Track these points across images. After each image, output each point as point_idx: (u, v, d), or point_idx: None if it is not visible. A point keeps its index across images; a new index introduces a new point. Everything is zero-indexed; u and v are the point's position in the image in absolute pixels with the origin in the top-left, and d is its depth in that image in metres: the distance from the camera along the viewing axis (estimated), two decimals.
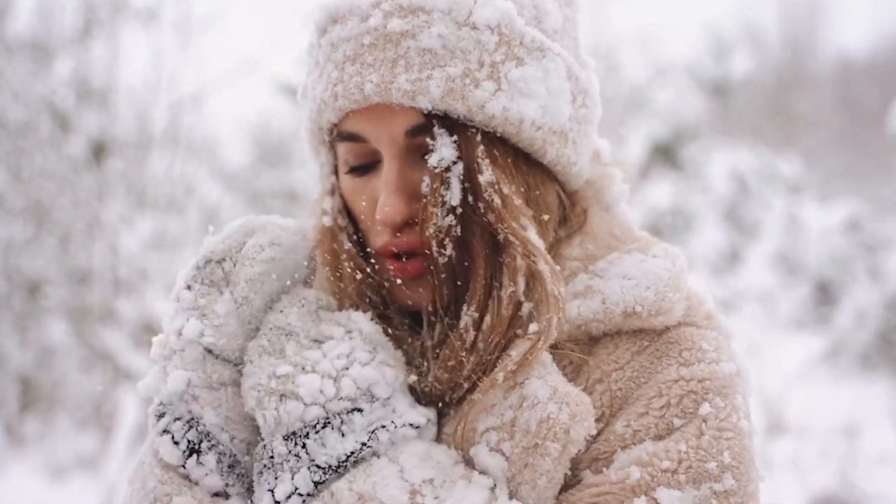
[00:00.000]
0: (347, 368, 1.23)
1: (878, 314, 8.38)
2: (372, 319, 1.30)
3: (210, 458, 1.25)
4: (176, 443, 1.25)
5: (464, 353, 1.26)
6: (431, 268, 1.28)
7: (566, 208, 1.38)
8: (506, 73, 1.26)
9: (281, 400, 1.21)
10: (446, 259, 1.27)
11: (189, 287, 1.31)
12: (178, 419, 1.26)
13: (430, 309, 1.31)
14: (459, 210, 1.26)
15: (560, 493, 1.21)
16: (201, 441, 1.25)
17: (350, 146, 1.33)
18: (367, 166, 1.33)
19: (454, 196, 1.25)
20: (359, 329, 1.28)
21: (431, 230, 1.26)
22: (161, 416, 1.28)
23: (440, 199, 1.25)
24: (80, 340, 7.03)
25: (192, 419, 1.26)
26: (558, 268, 1.27)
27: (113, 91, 7.51)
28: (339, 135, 1.34)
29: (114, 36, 7.49)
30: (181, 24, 7.64)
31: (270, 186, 9.54)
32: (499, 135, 1.27)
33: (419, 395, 1.28)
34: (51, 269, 7.11)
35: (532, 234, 1.26)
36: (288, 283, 1.34)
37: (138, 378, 6.35)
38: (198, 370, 1.27)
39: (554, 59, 1.31)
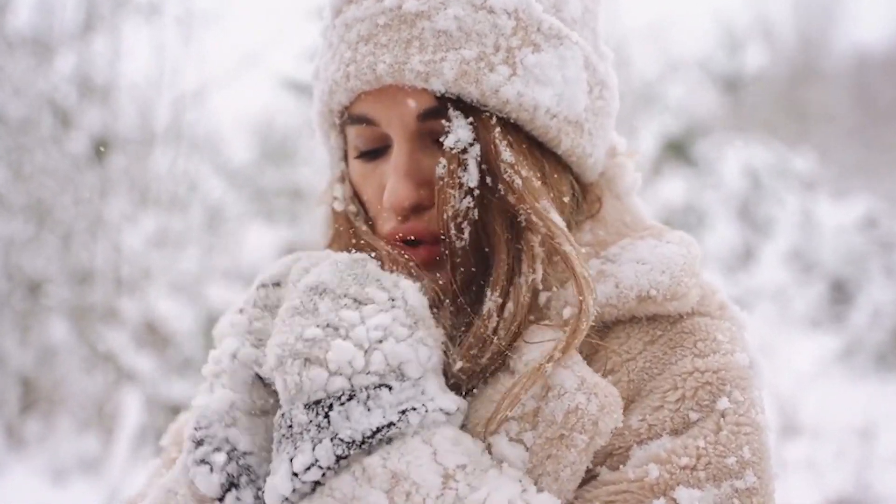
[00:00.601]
0: (381, 342, 1.19)
1: (894, 312, 8.37)
2: (421, 290, 1.26)
3: (248, 494, 1.22)
4: (214, 474, 1.22)
5: (487, 341, 1.24)
6: (446, 253, 1.28)
7: (579, 199, 1.38)
8: (521, 59, 1.26)
9: (305, 365, 1.18)
10: (463, 244, 1.26)
11: (241, 311, 1.29)
12: (219, 450, 1.23)
13: (440, 297, 1.29)
14: (477, 192, 1.25)
15: (577, 488, 1.19)
16: (241, 475, 1.23)
17: (360, 130, 1.33)
18: (377, 151, 1.33)
19: (472, 178, 1.25)
20: (404, 298, 1.24)
21: (449, 212, 1.25)
22: (199, 443, 1.25)
23: (457, 181, 1.25)
24: (82, 340, 7.03)
25: (233, 450, 1.24)
26: (583, 249, 1.27)
27: (115, 87, 7.49)
28: (349, 118, 1.34)
29: (115, 31, 7.48)
30: (184, 18, 7.64)
31: (275, 184, 9.55)
32: (512, 121, 1.27)
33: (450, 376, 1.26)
34: (52, 267, 7.12)
35: (555, 216, 1.26)
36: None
37: (141, 379, 6.39)
38: (244, 394, 1.25)
39: (571, 47, 1.31)
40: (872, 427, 6.44)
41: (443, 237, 1.27)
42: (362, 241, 1.34)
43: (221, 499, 1.22)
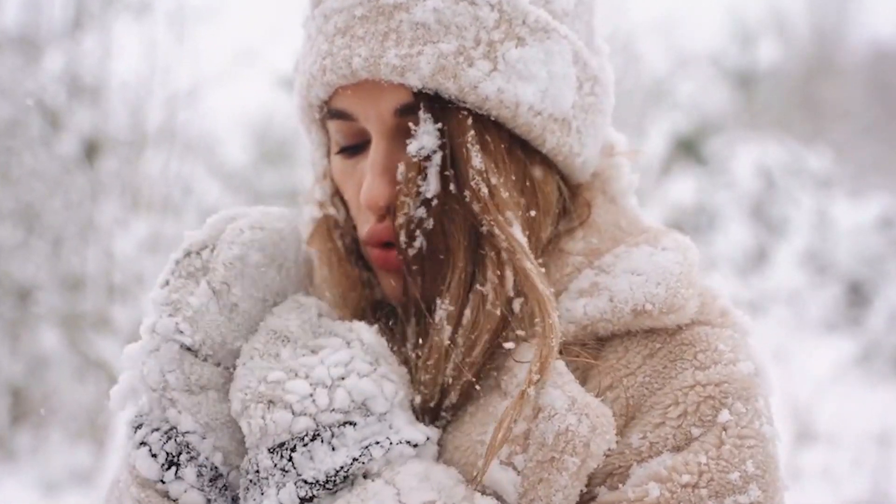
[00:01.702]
0: (344, 378, 1.19)
1: None
2: (377, 331, 1.26)
3: (189, 472, 1.21)
4: (154, 455, 1.22)
5: (441, 351, 1.23)
6: (400, 259, 1.27)
7: (566, 201, 1.36)
8: (503, 53, 1.25)
9: (268, 407, 1.18)
10: (416, 251, 1.25)
11: (166, 283, 1.28)
12: (156, 430, 1.23)
13: (398, 306, 1.30)
14: (435, 202, 1.24)
15: None
16: (180, 453, 1.22)
17: (339, 125, 1.32)
18: (356, 147, 1.33)
19: (430, 188, 1.24)
20: (359, 339, 1.24)
21: (401, 220, 1.25)
22: (138, 427, 1.24)
23: (414, 190, 1.24)
24: (74, 349, 7.04)
25: (171, 429, 1.23)
26: (544, 267, 1.26)
27: (105, 87, 7.50)
28: (328, 112, 1.33)
29: (105, 29, 7.49)
30: (175, 15, 7.65)
31: (273, 186, 9.54)
32: (493, 119, 1.25)
33: (417, 410, 1.25)
34: (42, 274, 7.13)
35: (516, 231, 1.24)
36: (277, 274, 1.30)
37: None
38: (175, 370, 1.23)
39: (559, 41, 1.29)
40: (890, 433, 6.45)
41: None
42: (339, 255, 1.35)
43: (163, 479, 1.21)
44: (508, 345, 1.25)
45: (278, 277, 1.31)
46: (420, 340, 1.28)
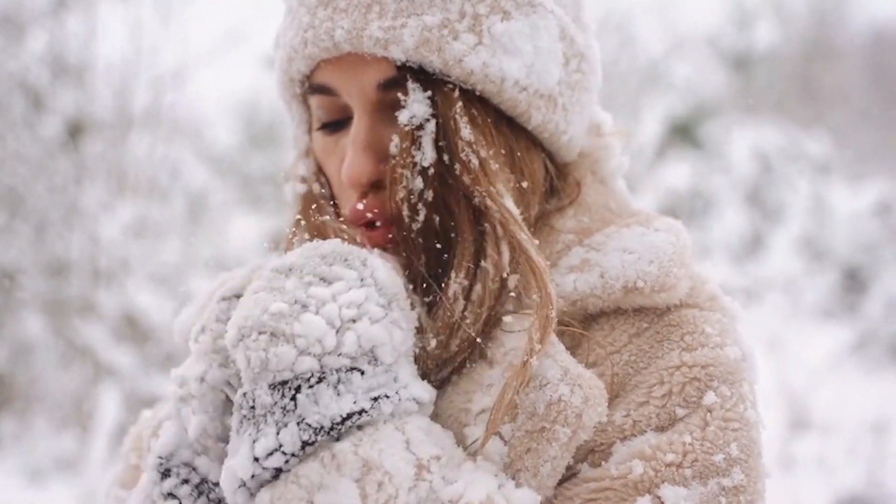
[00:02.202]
0: (355, 321, 1.16)
1: None
2: (393, 268, 1.24)
3: None
4: None
5: (452, 326, 1.23)
6: (404, 234, 1.26)
7: (553, 179, 1.36)
8: (489, 27, 1.24)
9: (271, 340, 1.13)
10: (420, 225, 1.25)
11: (204, 329, 1.25)
12: (186, 482, 1.21)
13: (405, 281, 1.27)
14: (431, 171, 1.24)
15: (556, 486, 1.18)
16: None
17: (321, 100, 1.32)
18: (339, 122, 1.32)
19: (426, 157, 1.24)
20: (373, 277, 1.20)
21: (402, 193, 1.24)
22: (165, 473, 1.21)
23: (410, 160, 1.23)
24: (58, 335, 7.04)
25: (202, 482, 1.21)
26: (536, 240, 1.25)
27: (90, 68, 7.47)
28: (310, 87, 1.33)
29: (90, 8, 7.46)
30: None
31: (262, 170, 9.53)
32: (478, 93, 1.25)
33: (430, 358, 1.24)
34: (25, 259, 7.12)
35: (508, 202, 1.24)
36: None
37: (120, 374, 6.41)
38: (216, 420, 1.22)
39: (545, 15, 1.29)
40: (886, 422, 6.46)
41: (390, 221, 1.26)
42: (325, 226, 1.33)
43: None
44: (507, 318, 1.25)
45: None
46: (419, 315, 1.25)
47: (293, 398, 1.13)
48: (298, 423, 1.12)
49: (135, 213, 7.12)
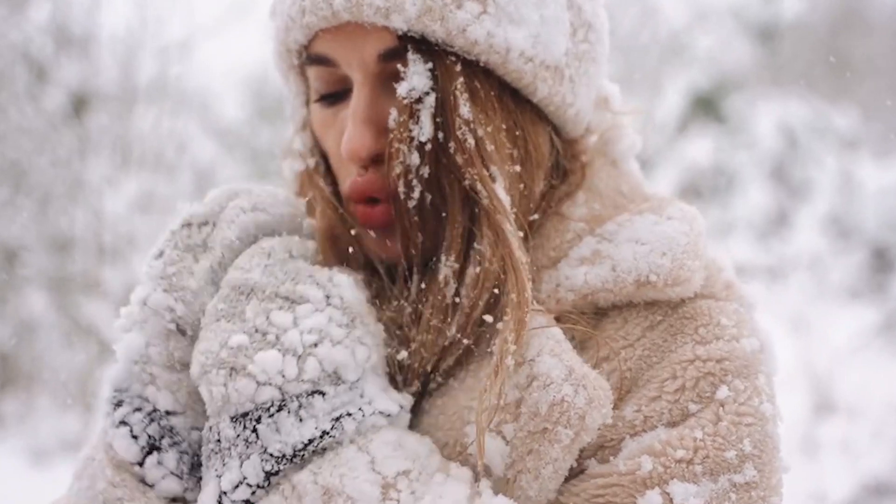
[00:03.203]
0: (317, 345, 1.17)
1: None
2: (358, 283, 1.25)
3: (170, 458, 1.21)
4: (135, 437, 1.21)
5: (446, 310, 1.23)
6: (402, 212, 1.25)
7: (559, 154, 1.35)
8: None
9: (230, 375, 1.15)
10: (415, 202, 1.24)
11: (161, 253, 1.26)
12: (138, 410, 1.22)
13: (403, 263, 1.28)
14: (429, 147, 1.23)
15: (563, 482, 1.17)
16: (163, 437, 1.21)
17: (320, 71, 1.31)
18: (337, 94, 1.31)
19: (424, 131, 1.22)
20: (339, 296, 1.22)
21: (399, 169, 1.23)
22: (118, 404, 1.23)
23: (407, 135, 1.22)
24: (62, 313, 7.07)
25: (154, 410, 1.22)
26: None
27: (94, 38, 7.47)
28: (308, 58, 1.31)
29: None
30: None
31: (271, 144, 9.52)
32: (482, 65, 1.24)
33: (405, 371, 1.25)
34: (29, 235, 7.14)
35: (499, 187, 1.23)
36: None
37: None
38: (159, 346, 1.23)
39: None
40: None
41: (392, 197, 1.26)
42: (322, 206, 1.33)
43: (141, 463, 1.21)
44: (487, 317, 1.24)
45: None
46: (415, 300, 1.27)
47: (254, 429, 1.14)
48: (261, 454, 1.14)
49: (140, 188, 7.13)
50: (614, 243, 1.27)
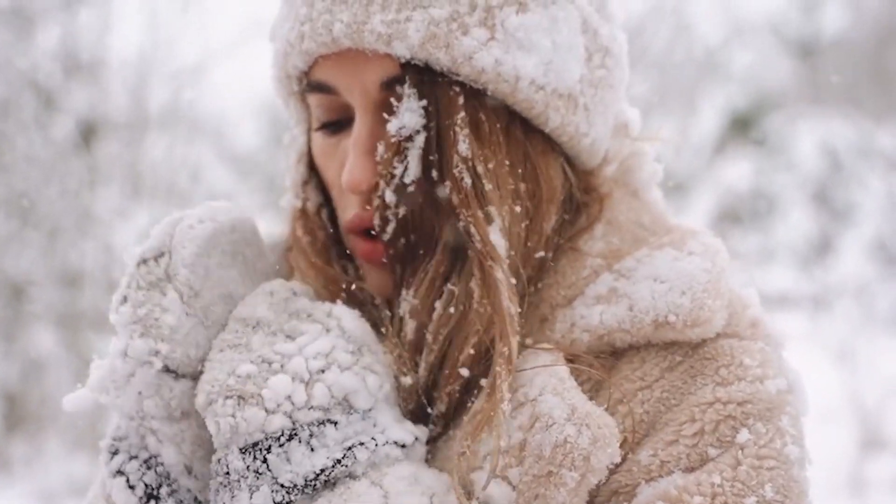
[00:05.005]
0: (324, 371, 1.18)
1: None
2: (359, 316, 1.25)
3: None
4: (131, 487, 1.22)
5: (406, 348, 1.24)
6: (385, 248, 1.26)
7: (574, 187, 1.35)
8: (502, 20, 1.23)
9: (239, 404, 1.16)
10: (392, 239, 1.25)
11: (125, 298, 1.25)
12: (135, 458, 1.23)
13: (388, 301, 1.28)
14: (412, 189, 1.23)
15: None
16: (160, 485, 1.22)
17: (320, 98, 1.32)
18: (339, 123, 1.32)
19: (410, 172, 1.23)
20: (339, 326, 1.23)
21: (376, 203, 1.24)
22: (115, 453, 1.24)
23: (389, 172, 1.23)
24: (71, 351, 7.09)
25: (151, 457, 1.23)
26: (514, 280, 1.24)
27: (104, 64, 7.49)
28: (308, 84, 1.32)
29: (104, 1, 7.48)
30: None
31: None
32: (490, 94, 1.23)
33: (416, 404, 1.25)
34: (36, 269, 7.17)
35: (494, 230, 1.22)
36: (242, 267, 1.29)
37: None
38: (153, 396, 1.22)
39: (565, 7, 1.27)
40: None
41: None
42: (318, 248, 1.35)
43: None
44: (464, 371, 1.24)
45: (245, 270, 1.30)
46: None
47: (264, 460, 1.15)
48: (271, 485, 1.14)
49: (152, 220, 7.11)
50: (632, 281, 1.26)
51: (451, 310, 1.24)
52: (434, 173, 1.24)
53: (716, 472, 1.16)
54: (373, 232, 1.29)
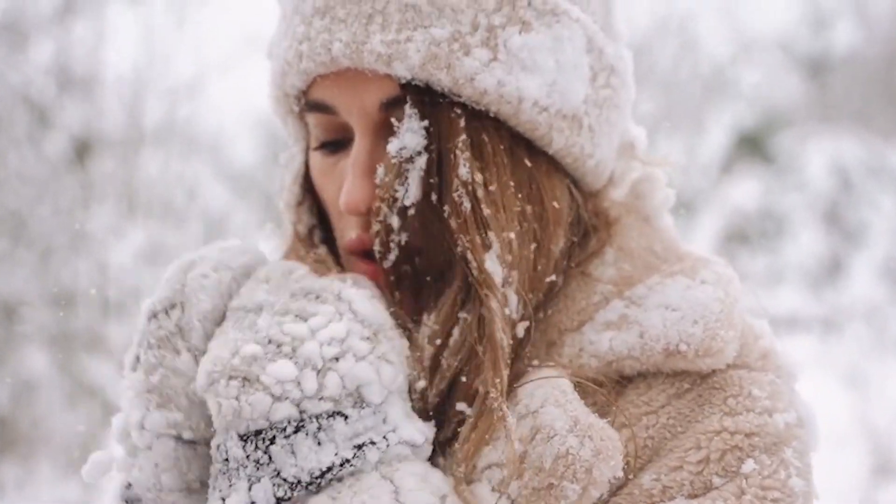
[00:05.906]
0: (338, 360, 1.15)
1: None
2: (372, 295, 1.23)
3: None
4: None
5: (429, 372, 1.22)
6: (387, 272, 1.25)
7: (580, 208, 1.34)
8: (505, 40, 1.22)
9: (243, 386, 1.13)
10: (395, 265, 1.24)
11: (137, 360, 1.23)
12: None
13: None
14: (413, 212, 1.22)
15: None
16: None
17: (319, 118, 1.30)
18: (338, 143, 1.30)
19: (410, 194, 1.22)
20: (352, 310, 1.19)
21: (376, 227, 1.23)
22: None
23: (390, 195, 1.22)
24: (64, 372, 7.09)
25: None
26: (514, 308, 1.23)
27: (98, 79, 7.53)
28: (306, 104, 1.31)
29: (98, 15, 7.53)
30: None
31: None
32: (492, 115, 1.23)
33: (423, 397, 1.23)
34: (29, 289, 7.18)
35: (490, 257, 1.21)
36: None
37: None
38: (171, 470, 1.20)
39: (570, 25, 1.26)
40: None
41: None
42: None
43: None
44: (461, 406, 1.22)
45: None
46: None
47: (266, 451, 1.12)
48: (273, 478, 1.11)
49: (147, 238, 7.16)
50: (643, 308, 1.25)
51: (466, 338, 1.22)
52: (434, 196, 1.23)
53: (720, 499, 1.15)
54: (373, 254, 1.28)
